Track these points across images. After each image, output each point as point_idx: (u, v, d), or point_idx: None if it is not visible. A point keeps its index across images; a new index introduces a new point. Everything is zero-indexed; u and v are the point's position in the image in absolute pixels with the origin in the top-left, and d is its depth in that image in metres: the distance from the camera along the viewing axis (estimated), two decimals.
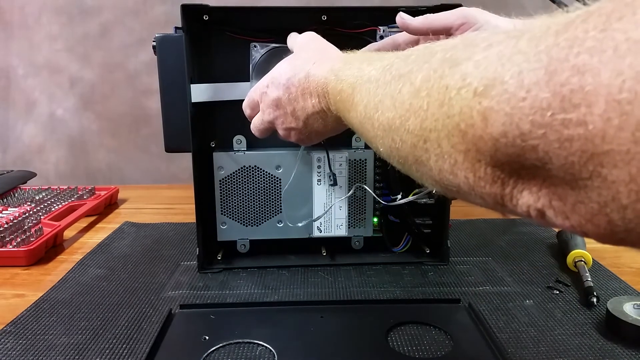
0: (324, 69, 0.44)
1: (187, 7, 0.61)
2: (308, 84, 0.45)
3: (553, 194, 0.21)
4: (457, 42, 0.27)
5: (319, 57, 0.46)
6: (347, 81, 0.39)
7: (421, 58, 0.29)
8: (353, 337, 0.53)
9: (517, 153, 0.21)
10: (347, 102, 0.39)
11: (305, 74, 0.45)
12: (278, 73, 0.48)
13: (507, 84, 0.21)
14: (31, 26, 1.22)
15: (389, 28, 0.67)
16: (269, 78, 0.49)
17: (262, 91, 0.50)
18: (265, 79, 0.50)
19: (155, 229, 0.86)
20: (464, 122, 0.24)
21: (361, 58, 0.41)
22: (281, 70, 0.48)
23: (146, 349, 0.50)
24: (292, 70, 0.46)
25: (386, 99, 0.31)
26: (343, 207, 0.69)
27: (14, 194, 0.98)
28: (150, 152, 1.28)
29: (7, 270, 0.70)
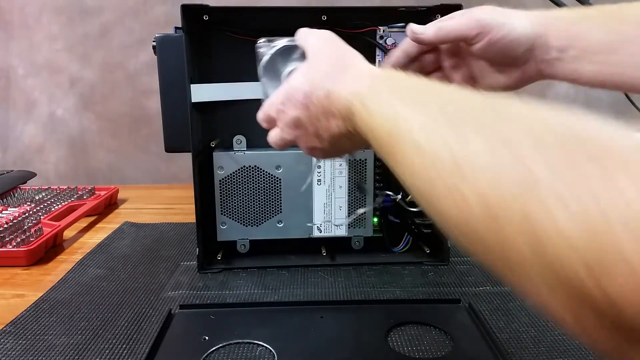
0: (346, 89, 0.39)
1: (187, 7, 0.61)
2: (329, 104, 0.40)
3: None
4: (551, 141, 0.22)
5: (337, 69, 0.41)
6: (378, 119, 0.34)
7: (485, 137, 0.24)
8: (353, 337, 0.53)
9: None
10: (383, 147, 0.33)
11: (325, 93, 0.40)
12: (293, 89, 0.43)
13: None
14: (31, 26, 1.22)
15: (389, 28, 0.67)
16: (283, 94, 0.44)
17: (277, 108, 0.45)
18: (279, 94, 0.45)
19: (155, 229, 0.86)
20: (566, 272, 0.19)
21: (390, 86, 0.36)
22: (297, 85, 0.42)
23: (146, 349, 0.50)
24: (309, 85, 0.41)
25: (439, 185, 0.26)
26: (343, 207, 0.69)
27: (13, 194, 0.97)
28: (150, 152, 1.28)
29: (7, 270, 0.70)
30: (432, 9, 0.64)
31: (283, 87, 0.45)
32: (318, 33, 0.46)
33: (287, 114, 0.44)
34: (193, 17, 0.63)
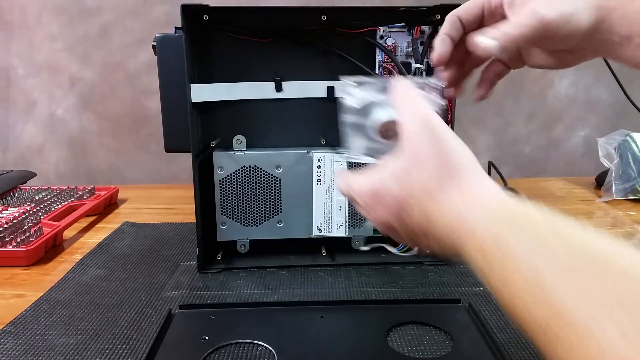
0: (453, 217, 0.32)
1: (187, 7, 0.61)
2: (429, 229, 0.34)
3: None
4: None
5: (439, 180, 0.33)
6: (508, 273, 0.28)
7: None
8: (353, 337, 0.53)
9: None
10: (512, 300, 0.28)
11: (424, 216, 0.34)
12: (384, 191, 0.36)
13: None
14: (31, 26, 1.22)
15: (389, 28, 0.67)
16: (372, 189, 0.37)
17: (362, 200, 0.38)
18: (363, 184, 0.38)
19: (155, 229, 0.86)
20: None
21: (519, 230, 0.29)
22: (388, 190, 0.36)
23: (146, 349, 0.50)
24: (403, 197, 0.35)
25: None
26: (343, 207, 0.69)
27: (13, 194, 0.97)
28: (150, 152, 1.28)
29: (7, 270, 0.70)
30: (432, 9, 0.64)
31: (369, 179, 0.38)
32: (414, 112, 0.37)
33: (377, 213, 0.37)
34: (193, 17, 0.63)
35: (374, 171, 0.38)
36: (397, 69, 0.66)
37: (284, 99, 0.68)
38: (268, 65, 0.67)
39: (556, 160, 1.32)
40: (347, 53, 0.67)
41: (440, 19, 0.65)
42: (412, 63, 0.66)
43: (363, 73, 0.67)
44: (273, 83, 0.67)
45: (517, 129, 1.29)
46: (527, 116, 1.28)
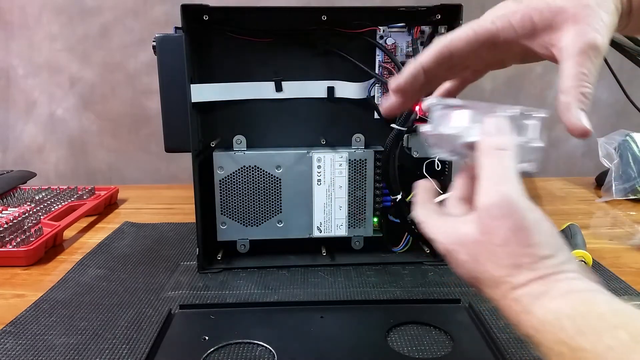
0: (517, 314, 0.31)
1: (187, 7, 0.61)
2: (503, 310, 0.32)
3: None
4: None
5: (508, 276, 0.31)
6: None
7: None
8: (353, 337, 0.53)
9: None
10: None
11: (503, 297, 0.31)
12: (455, 253, 0.33)
13: None
14: (31, 26, 1.22)
15: (389, 28, 0.67)
16: (442, 241, 0.34)
17: (445, 247, 0.35)
18: (438, 232, 0.35)
19: (155, 229, 0.86)
20: None
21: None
22: (458, 255, 0.33)
23: (146, 349, 0.50)
24: (476, 270, 0.32)
25: None
26: (343, 207, 0.69)
27: (13, 194, 0.97)
28: (150, 152, 1.28)
29: (7, 270, 0.70)
30: (432, 9, 0.64)
31: (446, 231, 0.34)
32: (497, 185, 0.32)
33: (456, 264, 0.34)
34: (193, 17, 0.63)
35: (449, 219, 0.35)
36: (397, 69, 0.66)
37: (284, 99, 0.68)
38: (268, 65, 0.67)
39: (556, 160, 1.32)
40: (347, 53, 0.67)
41: (440, 19, 0.65)
42: None
43: (363, 73, 0.67)
44: (273, 83, 0.67)
45: None
46: None
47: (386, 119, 0.68)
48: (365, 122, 0.69)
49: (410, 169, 0.69)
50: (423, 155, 0.68)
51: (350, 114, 0.69)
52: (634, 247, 0.77)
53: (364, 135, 0.69)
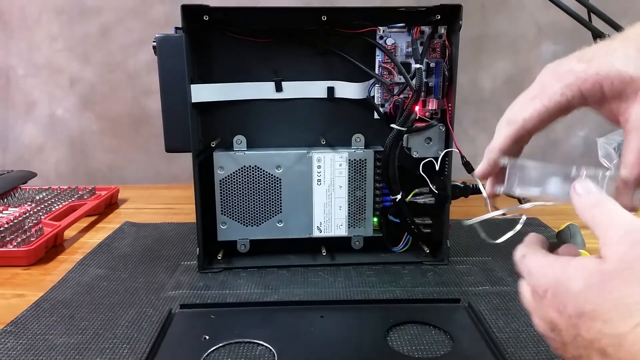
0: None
1: (187, 7, 0.61)
2: (629, 345, 0.27)
3: None
4: None
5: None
6: None
7: None
8: (353, 337, 0.53)
9: None
10: None
11: (612, 339, 0.28)
12: (564, 289, 0.30)
13: None
14: (31, 26, 1.22)
15: (389, 28, 0.67)
16: (547, 278, 0.32)
17: (534, 284, 0.33)
18: (543, 267, 0.33)
19: (155, 229, 0.86)
20: None
21: None
22: (569, 291, 0.30)
23: (146, 348, 0.50)
24: (590, 307, 0.29)
25: None
26: (343, 207, 0.69)
27: (14, 194, 0.98)
28: (150, 152, 1.28)
29: (7, 270, 0.70)
30: (432, 9, 0.65)
31: (554, 266, 0.32)
32: (621, 224, 0.30)
33: (544, 307, 0.32)
34: (193, 17, 0.63)
35: (559, 257, 0.33)
36: (397, 69, 0.66)
37: (284, 99, 0.68)
38: (268, 65, 0.67)
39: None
40: (347, 53, 0.67)
41: (440, 19, 0.65)
42: (412, 63, 0.66)
43: (363, 73, 0.67)
44: (273, 83, 0.68)
45: None
46: None
47: (386, 119, 0.68)
48: (365, 122, 0.69)
49: (410, 169, 0.69)
50: (423, 156, 0.68)
51: (350, 114, 0.69)
52: None
53: (364, 135, 0.69)
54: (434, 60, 0.67)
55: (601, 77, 0.34)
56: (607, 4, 0.78)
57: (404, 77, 0.65)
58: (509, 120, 0.38)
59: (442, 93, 0.67)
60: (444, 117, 0.68)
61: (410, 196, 0.70)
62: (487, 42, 1.23)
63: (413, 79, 0.64)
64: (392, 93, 0.67)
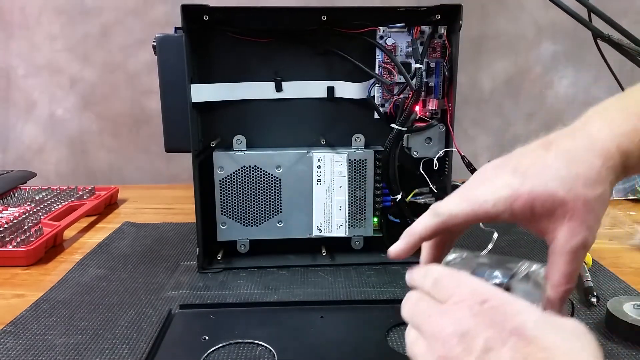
0: None
1: (187, 7, 0.61)
2: None
3: None
4: None
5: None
6: None
7: None
8: (353, 337, 0.53)
9: None
10: None
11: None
12: (498, 301, 0.31)
13: None
14: (31, 26, 1.22)
15: (389, 28, 0.67)
16: (474, 288, 0.32)
17: (446, 287, 0.34)
18: (464, 276, 0.34)
19: (155, 229, 0.86)
20: None
21: None
22: (505, 305, 0.31)
23: (146, 349, 0.50)
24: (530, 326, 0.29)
25: None
26: (343, 207, 0.69)
27: (14, 194, 0.98)
28: (150, 152, 1.28)
29: (7, 270, 0.70)
30: (432, 9, 0.64)
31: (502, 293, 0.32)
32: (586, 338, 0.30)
33: (471, 313, 0.31)
34: (193, 17, 0.63)
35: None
36: (397, 69, 0.66)
37: (284, 99, 0.68)
38: (268, 65, 0.67)
39: None
40: (347, 53, 0.67)
41: (440, 19, 0.65)
42: (412, 63, 0.66)
43: (363, 73, 0.67)
44: (273, 83, 0.68)
45: (517, 129, 1.29)
46: (527, 116, 1.28)
47: (386, 119, 0.68)
48: (365, 122, 0.69)
49: (410, 169, 0.69)
50: (423, 155, 0.68)
51: (350, 114, 0.69)
52: (634, 247, 0.77)
53: (364, 135, 0.69)
54: (434, 60, 0.67)
55: (533, 196, 0.35)
56: (607, 4, 0.78)
57: (404, 77, 0.65)
58: (436, 212, 0.39)
59: (442, 93, 0.67)
60: (444, 117, 0.68)
61: (411, 196, 0.70)
62: (487, 42, 1.23)
63: (413, 79, 0.64)
64: (392, 93, 0.67)
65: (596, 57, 0.85)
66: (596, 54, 0.84)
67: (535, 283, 0.39)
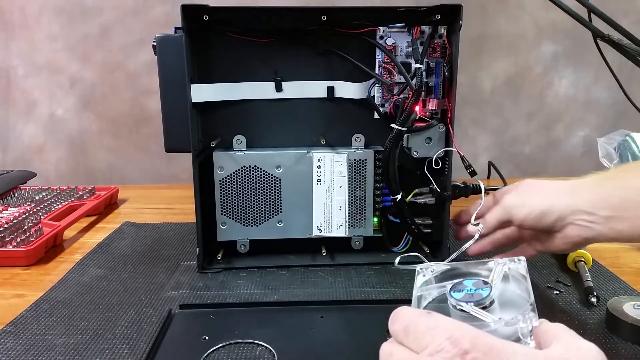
0: None
1: (187, 7, 0.61)
2: None
3: None
4: None
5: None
6: None
7: None
8: (353, 337, 0.53)
9: None
10: None
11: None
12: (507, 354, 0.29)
13: None
14: (31, 26, 1.22)
15: (389, 28, 0.67)
16: (473, 336, 0.30)
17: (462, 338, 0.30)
18: (462, 326, 0.31)
19: (155, 229, 0.86)
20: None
21: None
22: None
23: (146, 349, 0.50)
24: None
25: None
26: (343, 207, 0.69)
27: (14, 194, 0.98)
28: (150, 152, 1.28)
29: (7, 270, 0.70)
30: (432, 9, 0.64)
31: (487, 337, 0.30)
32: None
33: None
34: (193, 17, 0.63)
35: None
36: (397, 69, 0.66)
37: (284, 99, 0.68)
38: (268, 65, 0.67)
39: (556, 160, 1.32)
40: (347, 53, 0.67)
41: (440, 19, 0.65)
42: (412, 63, 0.66)
43: (363, 73, 0.67)
44: (273, 83, 0.68)
45: (517, 129, 1.29)
46: (527, 116, 1.28)
47: (386, 119, 0.68)
48: (365, 122, 0.69)
49: (410, 169, 0.69)
50: (423, 155, 0.68)
51: (350, 114, 0.69)
52: (634, 247, 0.77)
53: (364, 135, 0.69)
54: (434, 60, 0.67)
55: None
56: (607, 4, 0.78)
57: (404, 77, 0.65)
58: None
59: (442, 93, 0.67)
60: (444, 117, 0.68)
61: (411, 196, 0.70)
62: (487, 42, 1.23)
63: (413, 79, 0.64)
64: (392, 93, 0.67)
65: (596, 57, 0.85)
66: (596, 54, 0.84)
67: (515, 279, 0.40)
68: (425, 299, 0.42)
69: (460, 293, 0.39)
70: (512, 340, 0.33)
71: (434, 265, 0.44)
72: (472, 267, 0.43)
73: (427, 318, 0.32)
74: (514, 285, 0.40)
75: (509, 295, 0.39)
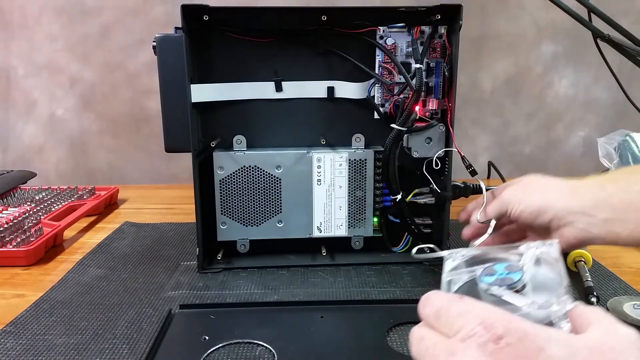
0: None
1: (187, 7, 0.61)
2: None
3: None
4: None
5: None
6: None
7: None
8: (353, 337, 0.53)
9: None
10: None
11: None
12: (531, 341, 0.28)
13: None
14: (31, 26, 1.22)
15: (389, 28, 0.67)
16: (494, 320, 0.29)
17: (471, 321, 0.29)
18: (486, 309, 0.30)
19: (155, 229, 0.86)
20: None
21: None
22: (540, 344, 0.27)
23: (146, 348, 0.50)
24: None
25: None
26: (343, 207, 0.69)
27: (14, 194, 0.98)
28: (150, 152, 1.28)
29: (7, 270, 0.70)
30: (432, 9, 0.64)
31: (524, 322, 0.29)
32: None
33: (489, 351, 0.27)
34: (193, 17, 0.63)
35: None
36: (397, 69, 0.66)
37: (284, 99, 0.68)
38: (268, 65, 0.67)
39: (556, 160, 1.32)
40: (347, 53, 0.67)
41: (440, 19, 0.65)
42: (412, 63, 0.66)
43: (363, 73, 0.67)
44: (273, 83, 0.68)
45: (517, 129, 1.29)
46: (527, 116, 1.28)
47: (386, 119, 0.68)
48: (365, 122, 0.69)
49: (410, 169, 0.69)
50: (423, 155, 0.68)
51: (350, 114, 0.69)
52: None
53: (364, 135, 0.69)
54: (434, 60, 0.67)
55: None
56: (607, 4, 0.78)
57: (404, 77, 0.65)
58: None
59: (442, 93, 0.67)
60: (444, 117, 0.68)
61: (411, 196, 0.70)
62: (487, 42, 1.23)
63: (413, 79, 0.64)
64: (392, 93, 0.67)
65: (596, 57, 0.85)
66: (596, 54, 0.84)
67: (548, 262, 0.38)
68: (456, 283, 0.40)
69: (491, 277, 0.37)
70: (546, 324, 0.32)
71: (464, 250, 0.42)
72: (502, 251, 0.41)
73: (458, 302, 0.31)
74: (546, 269, 0.37)
75: (541, 279, 0.37)
